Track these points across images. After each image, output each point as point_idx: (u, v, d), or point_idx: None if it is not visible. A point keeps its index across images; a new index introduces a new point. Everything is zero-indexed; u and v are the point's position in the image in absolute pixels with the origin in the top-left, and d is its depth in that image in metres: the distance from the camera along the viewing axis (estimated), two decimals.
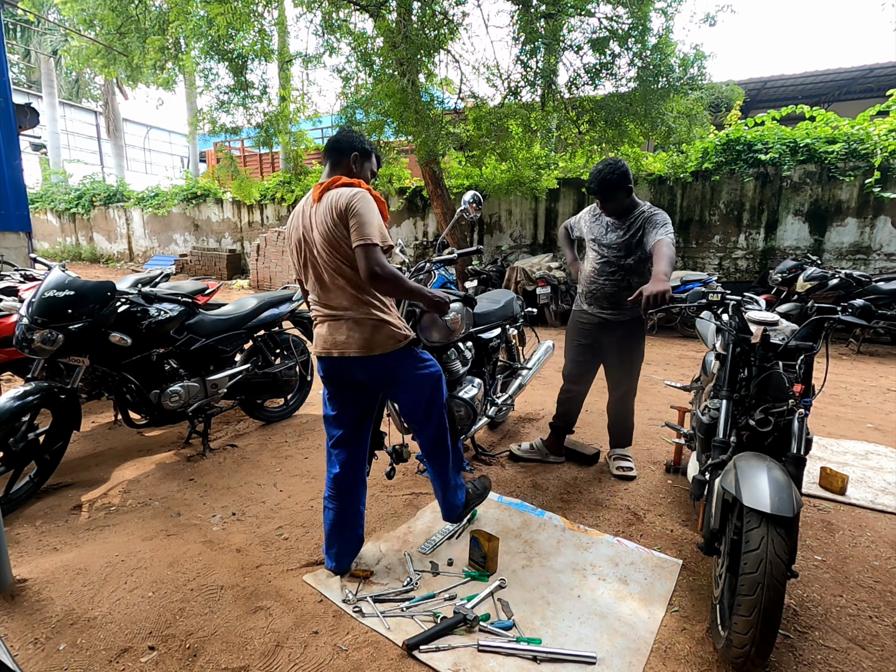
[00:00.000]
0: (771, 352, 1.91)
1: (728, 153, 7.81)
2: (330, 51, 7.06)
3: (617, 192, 2.55)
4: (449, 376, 2.67)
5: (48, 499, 2.59)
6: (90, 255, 15.49)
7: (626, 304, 2.55)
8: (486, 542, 2.02)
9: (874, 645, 1.71)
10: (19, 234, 5.16)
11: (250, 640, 1.68)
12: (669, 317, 7.07)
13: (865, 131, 6.99)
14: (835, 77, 11.85)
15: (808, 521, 2.46)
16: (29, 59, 20.08)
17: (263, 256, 10.90)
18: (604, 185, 2.52)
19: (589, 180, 2.59)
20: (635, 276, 2.66)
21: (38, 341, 2.49)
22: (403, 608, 1.82)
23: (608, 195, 2.56)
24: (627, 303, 2.27)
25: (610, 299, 2.71)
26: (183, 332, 3.03)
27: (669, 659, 1.65)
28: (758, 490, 1.51)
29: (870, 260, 7.07)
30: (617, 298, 2.68)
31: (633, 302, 2.15)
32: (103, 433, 3.45)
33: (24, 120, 5.37)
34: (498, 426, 3.62)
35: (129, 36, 8.76)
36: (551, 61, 6.44)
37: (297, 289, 3.84)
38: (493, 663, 1.60)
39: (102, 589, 1.89)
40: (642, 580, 2.01)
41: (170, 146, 29.19)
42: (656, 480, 2.87)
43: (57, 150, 17.66)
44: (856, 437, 3.52)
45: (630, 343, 2.79)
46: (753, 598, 1.42)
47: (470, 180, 9.20)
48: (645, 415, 3.91)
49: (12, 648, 1.63)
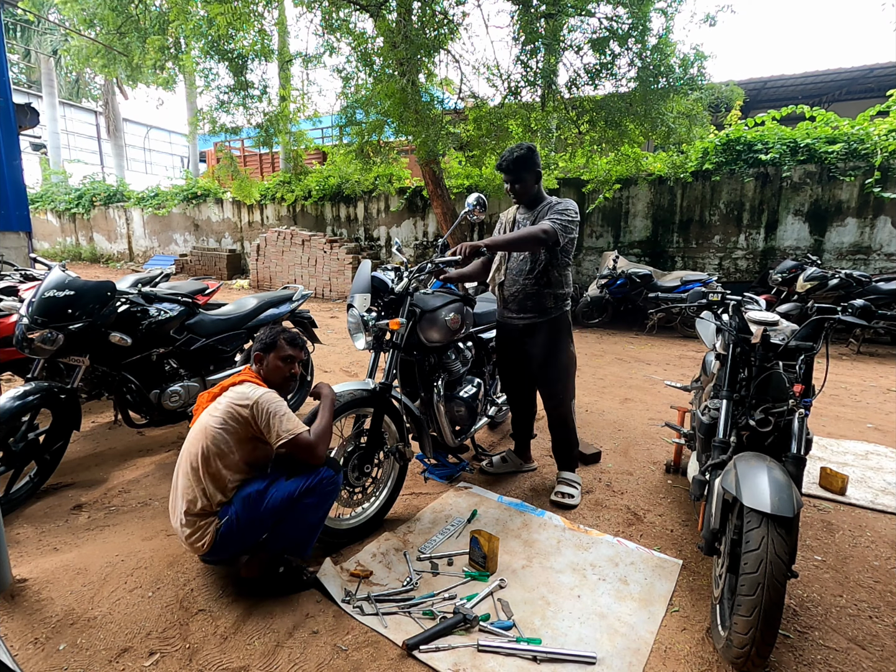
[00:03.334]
0: (771, 352, 1.91)
1: (728, 153, 7.81)
2: (330, 51, 7.07)
3: (525, 171, 2.47)
4: (449, 376, 2.67)
5: (48, 499, 2.59)
6: (90, 255, 15.49)
7: (547, 304, 2.53)
8: (486, 543, 2.02)
9: (874, 645, 1.71)
10: (19, 234, 5.16)
11: (250, 640, 1.68)
12: (669, 317, 7.08)
13: (865, 131, 6.99)
14: (835, 77, 11.85)
15: (808, 521, 2.46)
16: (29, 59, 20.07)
17: (263, 256, 10.90)
18: (513, 162, 2.45)
19: (499, 161, 2.51)
20: (555, 270, 2.51)
21: (38, 341, 2.49)
22: (403, 608, 1.82)
23: (517, 174, 2.48)
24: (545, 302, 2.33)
25: (533, 300, 2.55)
26: (183, 331, 3.03)
27: (669, 659, 1.65)
28: (758, 490, 1.51)
29: (870, 260, 7.07)
30: (539, 299, 2.54)
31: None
32: (103, 433, 3.45)
33: (24, 120, 5.37)
34: (498, 426, 3.62)
35: (129, 36, 8.77)
36: (551, 61, 6.44)
37: (297, 289, 3.84)
38: (493, 663, 1.60)
39: (102, 589, 1.89)
40: (642, 580, 2.01)
41: (170, 146, 29.19)
42: (656, 480, 2.87)
43: (57, 150, 17.66)
44: (856, 437, 3.52)
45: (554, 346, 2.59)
46: (753, 598, 1.42)
47: (470, 180, 9.20)
48: (645, 415, 3.91)
49: (12, 648, 1.62)
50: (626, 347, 6.45)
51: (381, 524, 2.35)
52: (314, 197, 11.34)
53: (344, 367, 5.19)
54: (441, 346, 2.58)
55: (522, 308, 2.58)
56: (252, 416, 1.82)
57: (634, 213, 8.51)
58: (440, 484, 2.80)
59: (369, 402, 2.23)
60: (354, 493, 2.27)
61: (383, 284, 2.39)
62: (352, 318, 2.34)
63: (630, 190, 8.45)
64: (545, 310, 2.56)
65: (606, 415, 3.88)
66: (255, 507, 1.79)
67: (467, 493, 2.68)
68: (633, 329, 7.51)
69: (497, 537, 2.06)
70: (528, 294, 2.55)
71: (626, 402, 4.22)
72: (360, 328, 2.29)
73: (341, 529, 2.21)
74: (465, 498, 2.63)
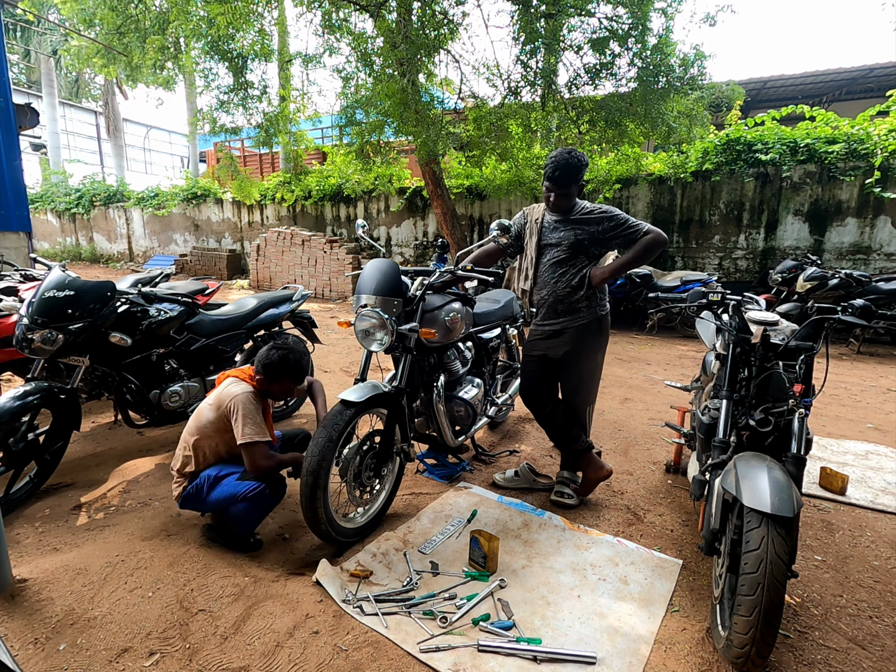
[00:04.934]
0: (771, 352, 1.91)
1: (728, 153, 7.81)
2: (330, 51, 7.07)
3: (575, 185, 2.34)
4: (449, 376, 2.67)
5: (48, 499, 2.59)
6: (90, 255, 15.49)
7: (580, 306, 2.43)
8: (486, 543, 2.02)
9: (874, 645, 1.72)
10: (19, 234, 5.17)
11: (250, 640, 1.68)
12: (669, 317, 7.08)
13: (865, 131, 6.99)
14: (835, 77, 11.84)
15: (808, 521, 2.46)
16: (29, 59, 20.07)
17: (263, 256, 10.90)
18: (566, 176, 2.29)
19: (549, 168, 2.31)
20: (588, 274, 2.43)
21: (38, 341, 2.49)
22: (403, 608, 1.82)
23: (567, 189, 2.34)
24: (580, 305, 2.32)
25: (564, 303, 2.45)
26: (183, 332, 3.02)
27: (669, 659, 1.65)
28: (758, 490, 1.51)
29: (870, 260, 7.07)
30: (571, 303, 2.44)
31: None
32: (103, 433, 3.45)
33: (24, 120, 5.37)
34: (498, 426, 3.62)
35: (129, 36, 8.76)
36: (551, 61, 6.45)
37: (297, 289, 3.84)
38: (493, 663, 1.60)
39: (102, 589, 1.89)
40: (642, 580, 2.01)
41: (170, 146, 29.18)
42: (656, 480, 2.87)
43: (57, 150, 17.64)
44: (856, 437, 3.52)
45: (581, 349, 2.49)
46: (754, 598, 1.42)
47: (470, 180, 9.20)
48: (645, 415, 3.91)
49: (12, 648, 1.62)
50: (626, 347, 6.45)
51: (381, 521, 2.37)
52: (314, 197, 11.34)
53: (344, 368, 5.18)
54: (441, 346, 2.58)
55: (555, 313, 2.47)
56: (228, 411, 2.14)
57: (634, 213, 8.50)
58: (440, 484, 2.80)
59: (385, 403, 2.24)
60: (365, 493, 2.28)
61: (406, 287, 2.34)
62: (369, 317, 2.22)
63: (630, 190, 8.45)
64: (577, 313, 2.45)
65: (606, 415, 3.88)
66: (202, 492, 2.14)
67: (467, 493, 2.68)
68: (633, 329, 7.51)
69: (497, 537, 2.06)
70: (559, 298, 2.44)
71: (626, 402, 4.22)
72: (383, 329, 2.21)
73: (353, 528, 2.22)
74: (465, 498, 2.63)
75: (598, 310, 2.49)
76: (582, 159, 2.31)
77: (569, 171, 2.28)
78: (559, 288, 2.44)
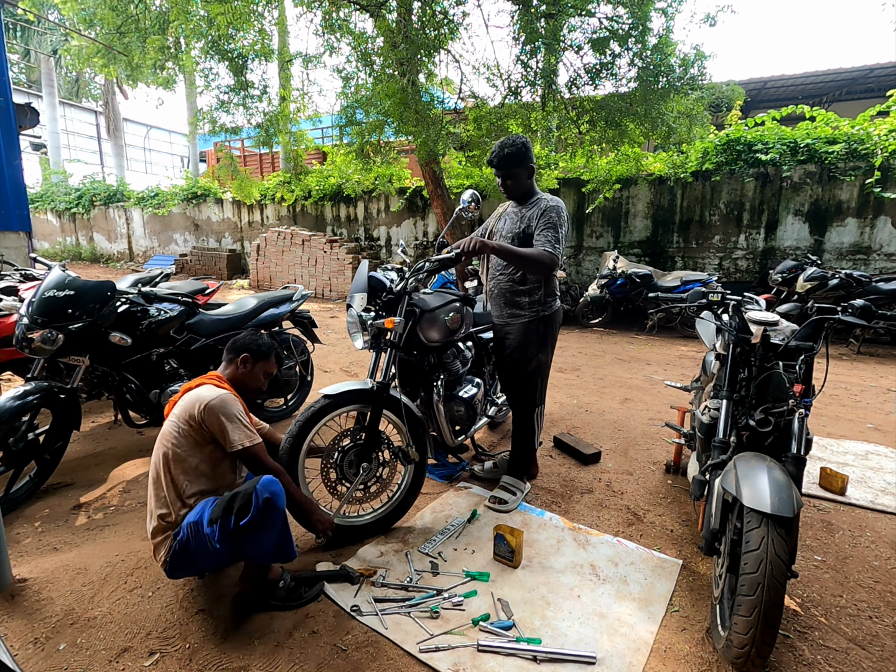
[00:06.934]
0: (771, 352, 1.91)
1: (728, 153, 7.81)
2: (330, 51, 7.06)
3: (517, 167, 2.36)
4: (449, 376, 2.67)
5: (48, 499, 2.59)
6: (90, 255, 15.49)
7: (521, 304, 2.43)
8: (510, 537, 2.05)
9: (874, 645, 1.71)
10: (19, 234, 5.17)
11: (250, 640, 1.68)
12: (669, 317, 7.08)
13: (865, 131, 6.99)
14: (835, 77, 11.84)
15: (808, 521, 2.46)
16: (29, 58, 20.07)
17: (263, 256, 10.90)
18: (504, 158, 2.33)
19: (489, 156, 2.38)
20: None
21: (38, 341, 2.49)
22: (403, 608, 1.82)
23: (508, 170, 2.37)
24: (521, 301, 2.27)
25: (507, 297, 2.48)
26: (183, 331, 3.02)
27: (669, 659, 1.65)
28: (758, 490, 1.51)
29: (870, 260, 7.07)
30: (514, 297, 2.47)
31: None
32: (103, 433, 3.45)
33: (24, 120, 5.37)
34: (498, 426, 3.62)
35: (129, 35, 8.75)
36: (551, 61, 6.44)
37: (297, 288, 3.84)
38: (493, 663, 1.60)
39: (102, 589, 1.89)
40: (642, 580, 2.01)
41: (170, 146, 29.18)
42: (656, 480, 2.87)
43: (57, 150, 17.64)
44: (856, 437, 3.52)
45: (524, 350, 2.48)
46: (753, 598, 1.42)
47: (470, 180, 9.20)
48: (645, 415, 3.91)
49: (12, 648, 1.62)
50: (626, 347, 6.45)
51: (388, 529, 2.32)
52: (314, 197, 11.34)
53: (344, 367, 5.18)
54: (441, 346, 2.58)
55: (499, 307, 2.55)
56: (202, 420, 1.77)
57: (634, 213, 8.51)
58: (440, 484, 2.80)
59: (366, 399, 2.24)
60: (356, 489, 2.28)
61: (381, 284, 2.40)
62: (350, 317, 2.36)
63: (630, 190, 8.45)
64: (519, 309, 2.47)
65: (606, 415, 3.88)
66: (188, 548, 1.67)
67: (467, 493, 2.68)
68: (633, 329, 7.51)
69: (520, 530, 2.09)
70: (502, 291, 2.50)
71: (626, 402, 4.22)
72: (359, 328, 2.31)
73: (348, 526, 2.22)
74: (465, 498, 2.63)
75: (542, 309, 2.46)
76: (517, 141, 2.34)
77: (502, 153, 2.33)
78: (502, 281, 2.48)
